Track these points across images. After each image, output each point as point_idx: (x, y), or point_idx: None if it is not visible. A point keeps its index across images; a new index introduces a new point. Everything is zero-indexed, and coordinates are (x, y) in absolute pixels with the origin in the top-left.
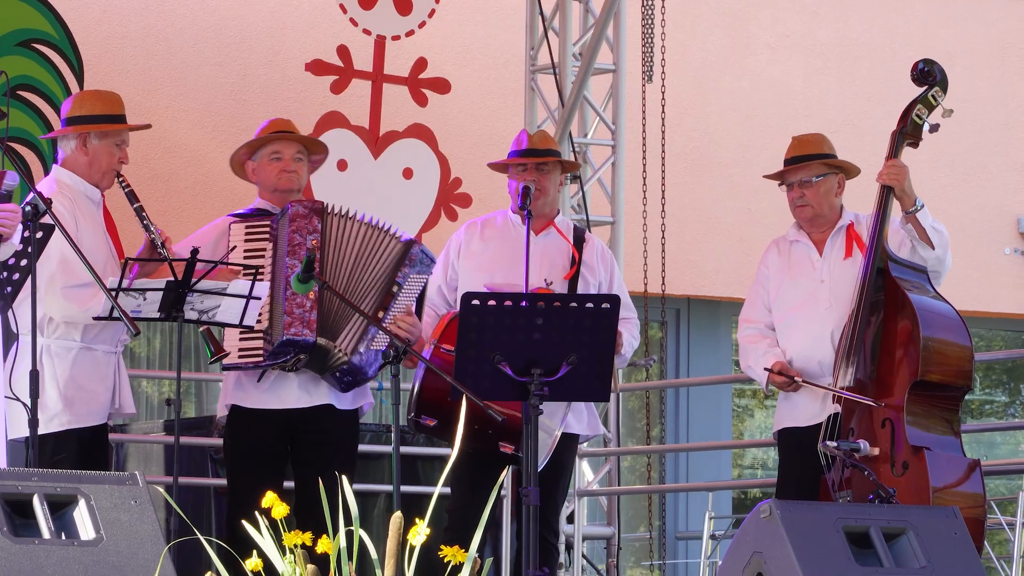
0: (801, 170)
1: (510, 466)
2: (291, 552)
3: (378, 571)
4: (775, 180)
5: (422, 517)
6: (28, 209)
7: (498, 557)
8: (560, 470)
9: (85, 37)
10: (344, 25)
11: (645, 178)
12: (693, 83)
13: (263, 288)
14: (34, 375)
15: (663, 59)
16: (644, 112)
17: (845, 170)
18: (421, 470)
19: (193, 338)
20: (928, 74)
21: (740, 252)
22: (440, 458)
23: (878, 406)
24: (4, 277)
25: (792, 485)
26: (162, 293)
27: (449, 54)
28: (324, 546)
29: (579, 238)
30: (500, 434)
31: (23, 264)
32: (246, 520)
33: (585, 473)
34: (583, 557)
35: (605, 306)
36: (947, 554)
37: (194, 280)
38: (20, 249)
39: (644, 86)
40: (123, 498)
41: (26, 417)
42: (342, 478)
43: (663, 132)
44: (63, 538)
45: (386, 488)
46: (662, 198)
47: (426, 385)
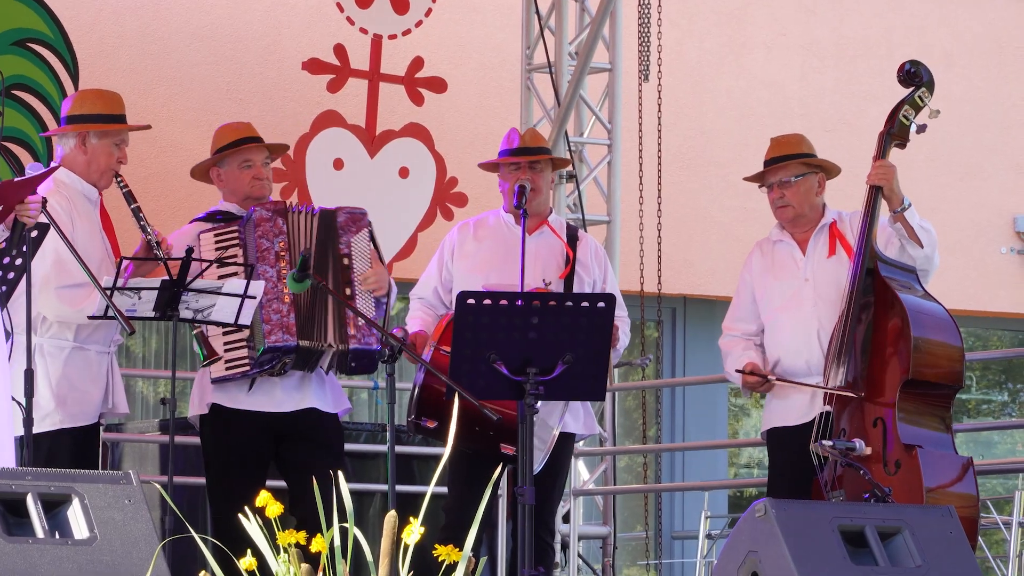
0: (780, 171)
1: (508, 465)
2: (285, 551)
3: (372, 570)
4: (755, 182)
5: (418, 516)
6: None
7: (494, 556)
8: (556, 469)
9: (80, 36)
10: (340, 24)
11: (641, 177)
12: (689, 82)
13: (258, 287)
14: (28, 374)
15: (659, 58)
16: (640, 111)
17: (825, 169)
18: (417, 469)
19: (189, 339)
20: (914, 75)
21: (736, 251)
22: (436, 457)
23: (858, 396)
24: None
25: (783, 485)
26: (157, 292)
27: (445, 53)
28: (318, 545)
29: (572, 236)
30: (501, 435)
31: (18, 263)
32: (233, 520)
33: (581, 472)
34: (579, 556)
35: (600, 305)
36: (942, 553)
37: (188, 279)
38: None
39: (640, 85)
40: (117, 497)
41: (20, 416)
42: (338, 475)
43: (659, 131)
44: (57, 537)
45: (382, 487)
46: (658, 197)
47: (426, 387)
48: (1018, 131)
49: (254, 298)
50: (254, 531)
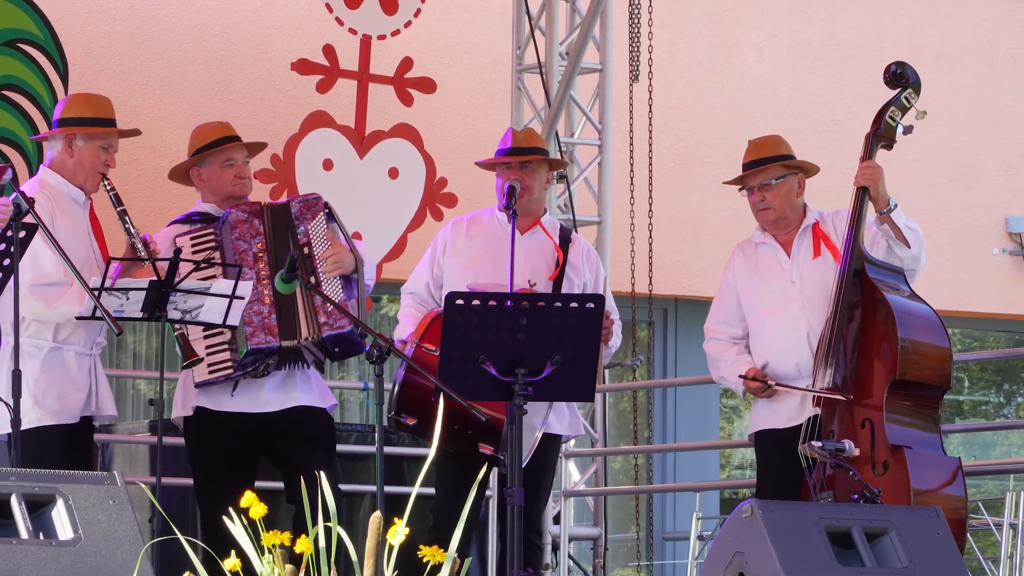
0: (760, 173)
1: (495, 466)
2: (270, 552)
3: (357, 571)
4: (736, 185)
5: (408, 517)
6: (11, 209)
7: (483, 557)
8: (543, 470)
9: (70, 37)
10: (330, 24)
11: (632, 178)
12: (680, 82)
13: (246, 288)
14: (16, 375)
15: (650, 58)
16: (631, 112)
17: (804, 169)
18: (407, 470)
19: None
20: (901, 76)
21: (727, 252)
22: (426, 458)
23: (847, 400)
24: None
25: (772, 487)
26: (145, 293)
27: (435, 54)
28: (303, 546)
29: (565, 238)
30: (480, 435)
31: (6, 264)
32: (220, 521)
33: (572, 473)
34: (569, 558)
35: (590, 306)
36: (929, 554)
37: (176, 280)
38: (2, 249)
39: (631, 85)
40: (101, 498)
41: (8, 417)
42: (321, 475)
43: (650, 132)
44: (41, 538)
45: (372, 488)
46: (649, 198)
47: (406, 384)
48: (1010, 131)
49: (243, 298)
50: (239, 532)
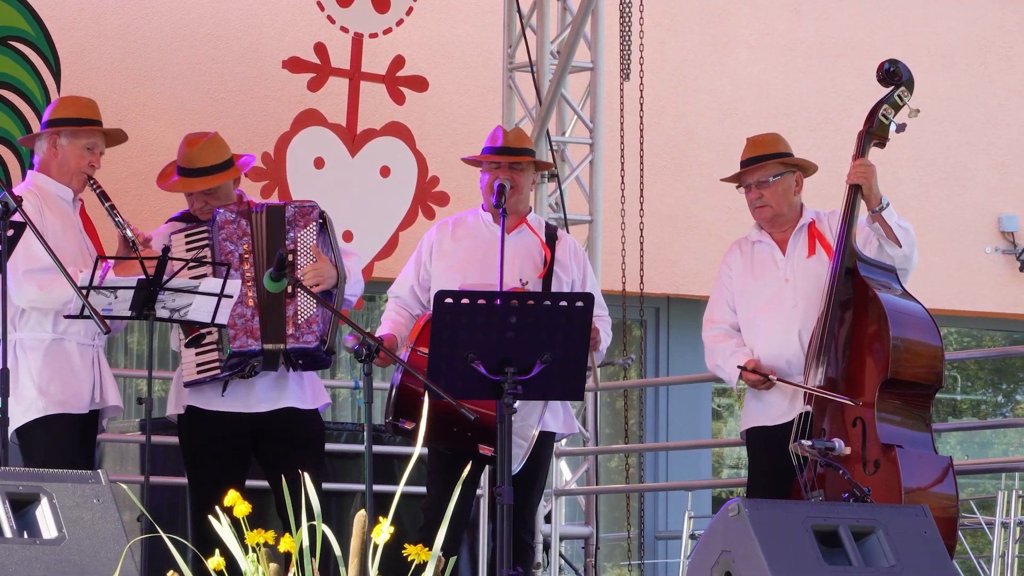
0: (758, 171)
1: (488, 465)
2: (254, 551)
3: (342, 569)
4: (733, 182)
5: (398, 516)
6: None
7: (475, 556)
8: (536, 469)
9: (61, 35)
10: (321, 23)
11: (623, 176)
12: (672, 81)
13: (235, 286)
14: (4, 374)
15: (641, 57)
16: (622, 110)
17: (802, 168)
18: (397, 469)
19: (169, 339)
20: (894, 74)
21: (719, 251)
22: (417, 457)
23: (855, 404)
24: None
25: (763, 484)
26: (133, 291)
27: (427, 52)
28: (287, 545)
29: (551, 236)
30: (479, 436)
31: None
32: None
33: (563, 472)
34: (561, 557)
35: (579, 304)
36: (916, 552)
37: (165, 278)
38: None
39: (622, 84)
40: (85, 497)
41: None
42: (305, 476)
43: (641, 130)
44: (25, 537)
45: (362, 487)
46: (641, 196)
47: (403, 388)
48: (1003, 130)
49: (231, 297)
50: (225, 532)
